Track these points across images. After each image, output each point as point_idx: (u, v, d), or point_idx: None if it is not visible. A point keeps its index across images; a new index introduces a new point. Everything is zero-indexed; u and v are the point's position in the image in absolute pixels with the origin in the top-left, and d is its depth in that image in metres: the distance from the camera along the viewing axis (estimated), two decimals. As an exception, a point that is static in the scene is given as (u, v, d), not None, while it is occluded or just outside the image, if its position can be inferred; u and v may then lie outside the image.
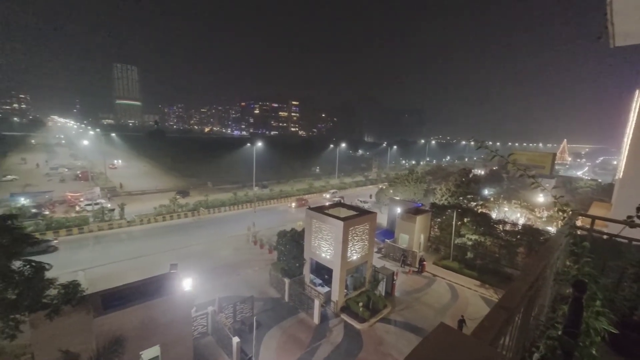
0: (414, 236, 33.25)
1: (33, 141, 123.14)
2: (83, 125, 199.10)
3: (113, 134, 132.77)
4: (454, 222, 31.79)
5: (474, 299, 25.83)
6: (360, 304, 22.09)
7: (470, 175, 42.82)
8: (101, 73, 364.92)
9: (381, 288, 25.07)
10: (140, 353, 14.38)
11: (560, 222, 32.82)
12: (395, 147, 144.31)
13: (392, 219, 39.40)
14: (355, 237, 22.96)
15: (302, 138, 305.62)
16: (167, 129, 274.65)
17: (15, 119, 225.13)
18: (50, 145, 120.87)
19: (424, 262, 30.69)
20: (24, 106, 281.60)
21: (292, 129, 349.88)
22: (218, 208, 50.45)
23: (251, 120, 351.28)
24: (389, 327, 21.29)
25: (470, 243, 30.70)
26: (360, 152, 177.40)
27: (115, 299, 14.95)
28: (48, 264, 13.23)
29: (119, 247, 34.03)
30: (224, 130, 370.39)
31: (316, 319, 21.25)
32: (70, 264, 27.23)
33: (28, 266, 12.61)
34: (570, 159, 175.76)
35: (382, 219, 44.29)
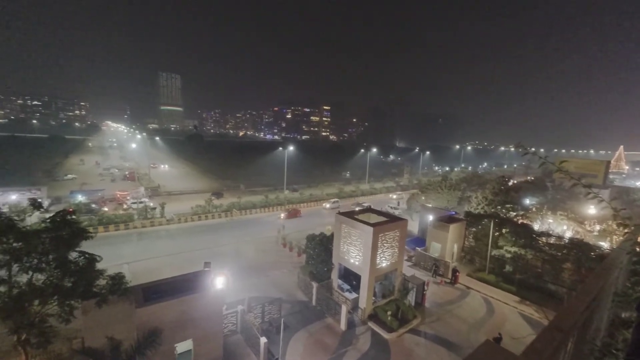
0: (447, 245, 31.91)
1: (90, 144, 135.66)
2: (132, 130, 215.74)
3: (157, 138, 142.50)
4: (490, 233, 30.07)
5: (512, 315, 24.17)
6: (389, 312, 21.57)
7: (510, 183, 40.33)
8: (148, 82, 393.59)
9: (411, 298, 24.31)
10: (175, 345, 15.20)
11: (618, 237, 29.82)
12: (428, 152, 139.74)
13: (424, 226, 38.14)
14: (384, 244, 22.56)
15: (333, 142, 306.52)
16: (205, 133, 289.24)
17: (77, 124, 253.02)
18: (104, 147, 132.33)
19: (457, 273, 29.30)
20: (83, 113, 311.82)
21: (323, 134, 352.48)
22: (250, 210, 51.99)
23: (283, 124, 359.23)
24: (418, 339, 20.55)
25: (509, 255, 28.84)
26: (391, 157, 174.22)
27: (154, 292, 15.96)
28: (99, 256, 14.47)
29: (158, 243, 36.28)
30: (257, 135, 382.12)
31: (343, 325, 21.08)
32: (116, 257, 29.50)
33: (82, 257, 13.87)
34: (627, 167, 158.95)
35: (413, 227, 43.05)
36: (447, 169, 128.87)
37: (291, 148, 72.33)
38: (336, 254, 24.99)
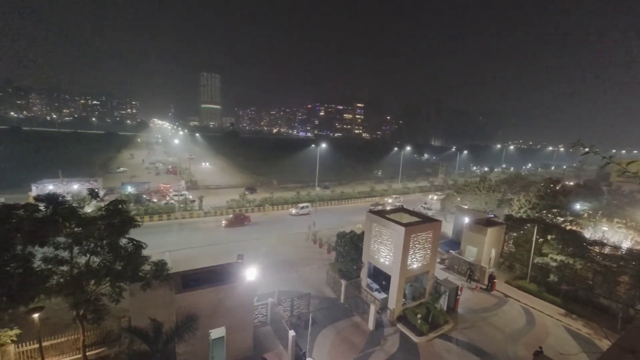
0: (484, 250, 30.33)
1: (139, 140, 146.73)
2: (175, 127, 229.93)
3: (197, 134, 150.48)
4: (534, 239, 28.05)
5: (555, 329, 22.44)
6: (419, 315, 21.05)
7: (558, 187, 37.21)
8: (191, 81, 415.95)
9: (443, 302, 23.50)
10: (210, 331, 16.10)
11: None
12: (465, 152, 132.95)
13: (459, 229, 36.56)
14: (416, 245, 21.99)
15: (366, 140, 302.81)
16: (241, 130, 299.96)
17: (128, 121, 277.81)
18: (151, 143, 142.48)
19: (495, 280, 27.75)
20: (134, 111, 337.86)
21: (356, 131, 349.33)
22: (282, 205, 53.19)
23: (316, 122, 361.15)
24: (450, 345, 19.85)
25: (554, 264, 26.73)
26: (425, 156, 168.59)
27: (192, 279, 17.01)
28: (145, 243, 15.72)
29: (196, 234, 38.45)
30: (290, 132, 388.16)
31: (371, 325, 20.95)
32: (159, 245, 31.74)
33: (131, 244, 15.17)
34: None
35: (447, 228, 41.47)
36: (486, 169, 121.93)
37: (323, 145, 72.64)
38: (366, 253, 24.83)
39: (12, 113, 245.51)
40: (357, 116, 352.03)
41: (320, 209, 54.69)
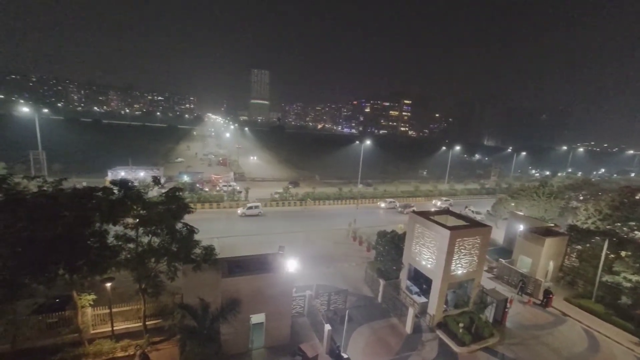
0: (540, 261, 27.68)
1: (195, 133, 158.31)
2: (227, 121, 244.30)
3: (246, 129, 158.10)
4: (603, 254, 24.87)
5: (625, 358, 19.80)
6: (461, 324, 20.01)
7: (638, 196, 32.40)
8: (242, 77, 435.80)
9: (489, 313, 22.03)
10: (250, 316, 17.05)
11: None
12: (523, 153, 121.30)
13: (511, 236, 33.79)
14: (462, 250, 20.86)
15: (412, 138, 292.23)
16: (287, 125, 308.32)
17: (186, 115, 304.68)
18: (205, 136, 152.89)
19: (551, 296, 25.22)
20: (192, 106, 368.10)
21: (402, 129, 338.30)
22: (323, 201, 53.79)
23: (361, 118, 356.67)
24: (494, 360, 18.61)
25: (627, 285, 23.47)
26: (477, 156, 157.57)
27: (237, 266, 18.10)
28: (197, 228, 17.10)
29: (241, 223, 40.62)
30: (334, 128, 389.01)
31: (409, 328, 20.44)
32: (208, 231, 34.10)
33: (185, 228, 16.63)
34: None
35: (498, 235, 38.61)
36: (548, 173, 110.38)
37: (368, 142, 71.65)
38: (407, 254, 24.18)
39: (95, 108, 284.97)
40: (404, 113, 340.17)
41: (362, 206, 54.26)
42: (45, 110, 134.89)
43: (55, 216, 14.16)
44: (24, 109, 76.12)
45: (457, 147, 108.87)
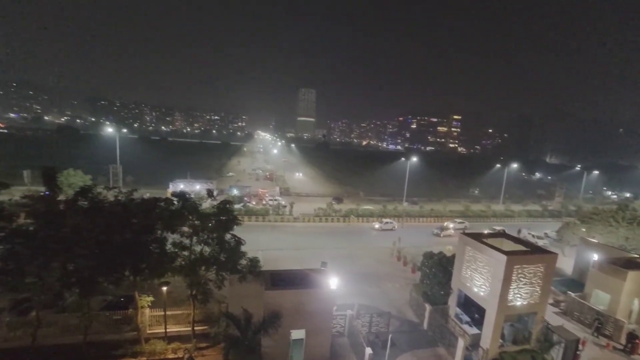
0: (620, 298, 23.76)
1: (245, 149, 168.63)
2: (274, 138, 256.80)
3: (292, 145, 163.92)
4: None
5: None
6: (521, 363, 17.83)
7: None
8: (290, 96, 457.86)
9: (555, 354, 19.33)
10: (291, 331, 17.09)
11: None
12: (595, 172, 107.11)
13: (582, 266, 29.69)
14: (521, 279, 18.86)
15: (461, 155, 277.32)
16: (332, 142, 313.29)
17: (238, 133, 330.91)
18: (254, 152, 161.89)
19: (637, 340, 21.36)
20: (243, 124, 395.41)
21: (451, 145, 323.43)
22: (367, 218, 52.91)
23: (407, 134, 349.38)
24: (562, 410, 16.12)
25: None
26: (537, 175, 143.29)
27: (280, 279, 18.44)
28: (244, 240, 17.95)
29: (285, 237, 41.55)
30: (379, 144, 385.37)
31: (458, 361, 18.75)
32: (253, 243, 35.33)
33: (233, 239, 17.56)
34: None
35: (565, 264, 34.29)
36: (628, 195, 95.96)
37: (414, 159, 69.52)
38: (456, 279, 22.52)
39: (162, 127, 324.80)
40: (453, 129, 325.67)
41: (407, 225, 52.21)
42: (124, 130, 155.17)
43: (126, 223, 15.99)
44: (109, 129, 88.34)
45: (514, 165, 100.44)
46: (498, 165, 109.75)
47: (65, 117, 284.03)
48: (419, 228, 51.28)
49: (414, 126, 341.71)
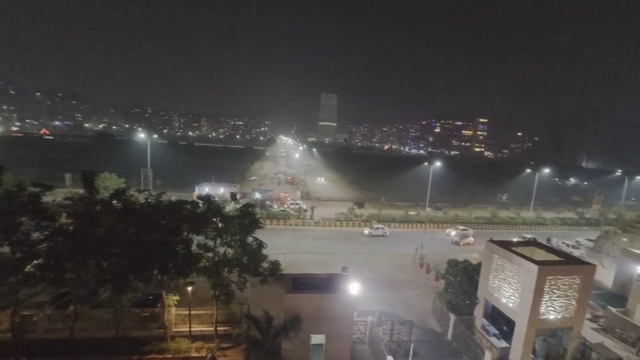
0: (671, 316, 21.77)
1: (267, 153, 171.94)
2: (296, 142, 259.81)
3: (314, 150, 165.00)
4: None
5: None
6: (554, 381, 16.75)
7: None
8: (311, 101, 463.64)
9: (593, 373, 18.01)
10: (311, 336, 17.07)
11: None
12: (638, 177, 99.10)
13: (624, 279, 27.53)
14: (554, 290, 17.80)
15: (488, 159, 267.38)
16: (353, 146, 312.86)
17: (261, 138, 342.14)
18: (276, 157, 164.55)
19: (690, 363, 19.45)
20: (266, 129, 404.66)
21: (476, 149, 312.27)
22: (388, 223, 52.04)
23: (430, 138, 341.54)
24: None
25: None
26: (572, 180, 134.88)
27: (300, 283, 18.53)
28: (265, 243, 18.23)
29: (305, 241, 41.68)
30: (401, 148, 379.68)
31: (485, 375, 17.92)
32: (274, 247, 35.75)
33: (255, 242, 17.90)
34: None
35: (605, 277, 32.00)
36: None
37: (437, 163, 67.78)
38: (483, 288, 21.61)
39: (190, 133, 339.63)
40: (479, 132, 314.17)
41: (430, 231, 50.85)
42: (155, 136, 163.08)
43: (155, 224, 16.77)
44: (141, 135, 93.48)
45: (546, 170, 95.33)
46: (528, 170, 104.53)
47: (103, 124, 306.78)
48: (442, 234, 49.78)
49: (437, 130, 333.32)
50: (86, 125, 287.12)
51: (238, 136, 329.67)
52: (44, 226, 15.36)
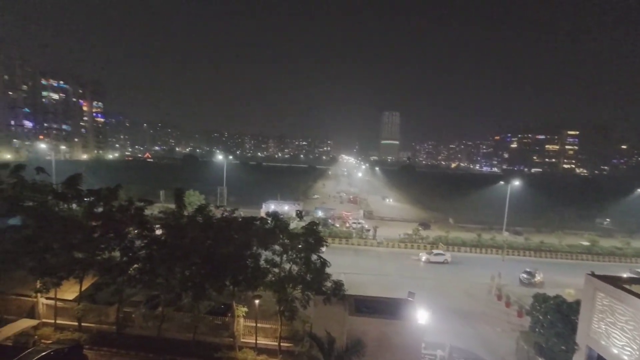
0: None
1: (330, 172, 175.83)
2: (358, 161, 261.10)
3: (376, 168, 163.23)
4: None
5: None
6: None
7: None
8: (373, 120, 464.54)
9: None
10: (373, 364, 16.22)
11: None
12: None
13: None
14: (689, 346, 13.97)
15: (581, 177, 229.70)
16: (417, 164, 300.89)
17: (324, 157, 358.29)
18: (338, 175, 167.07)
19: None
20: (328, 149, 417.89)
21: (565, 166, 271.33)
22: (458, 247, 47.86)
23: (505, 155, 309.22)
24: None
25: None
26: None
27: (364, 305, 18.00)
28: (329, 262, 18.36)
29: (368, 261, 40.60)
30: (470, 166, 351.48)
31: None
32: (336, 266, 35.55)
33: (319, 260, 18.17)
34: None
35: None
36: None
37: (516, 183, 60.58)
38: (584, 332, 18.03)
39: (259, 154, 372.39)
40: (567, 146, 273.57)
41: (509, 258, 45.05)
42: (230, 157, 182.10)
43: (229, 237, 18.33)
44: (219, 157, 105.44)
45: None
46: (638, 190, 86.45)
47: (189, 148, 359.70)
48: (524, 263, 43.56)
49: (514, 145, 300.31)
50: (177, 149, 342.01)
51: (302, 156, 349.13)
52: (145, 235, 18.10)
